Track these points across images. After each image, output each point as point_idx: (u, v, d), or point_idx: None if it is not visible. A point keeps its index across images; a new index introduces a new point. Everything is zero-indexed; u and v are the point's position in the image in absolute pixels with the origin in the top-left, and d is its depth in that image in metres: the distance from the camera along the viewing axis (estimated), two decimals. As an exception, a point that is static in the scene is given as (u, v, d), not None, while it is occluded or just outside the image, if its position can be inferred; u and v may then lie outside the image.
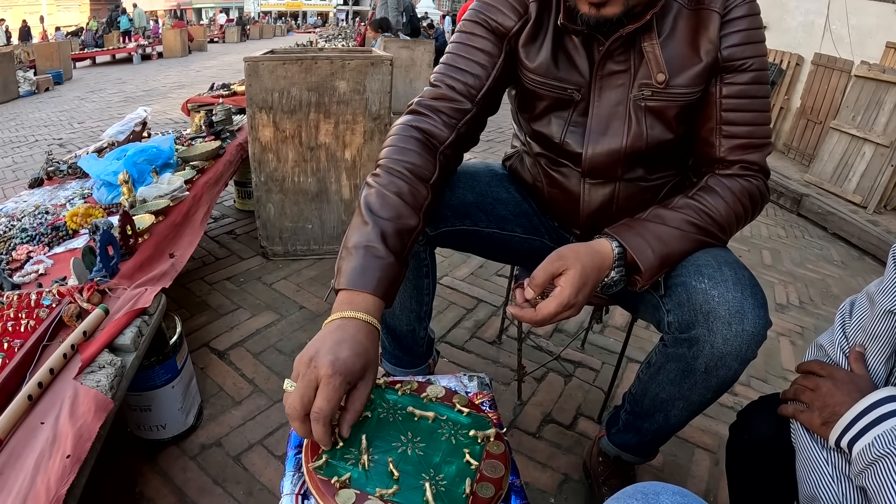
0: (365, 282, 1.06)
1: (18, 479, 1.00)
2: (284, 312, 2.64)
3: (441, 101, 1.33)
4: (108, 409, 1.21)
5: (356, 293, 1.05)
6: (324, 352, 0.95)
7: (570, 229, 1.56)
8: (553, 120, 1.38)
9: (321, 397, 0.91)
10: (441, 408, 1.13)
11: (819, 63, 6.33)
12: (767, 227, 4.64)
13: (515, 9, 1.32)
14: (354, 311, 1.03)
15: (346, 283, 1.06)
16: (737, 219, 1.26)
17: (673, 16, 1.24)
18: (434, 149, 1.29)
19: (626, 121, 1.30)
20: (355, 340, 0.98)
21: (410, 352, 1.69)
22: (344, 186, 3.03)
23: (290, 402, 0.93)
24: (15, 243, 1.97)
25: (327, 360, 0.93)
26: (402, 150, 1.25)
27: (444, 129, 1.31)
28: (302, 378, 0.93)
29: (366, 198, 1.18)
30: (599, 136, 1.33)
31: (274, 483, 1.72)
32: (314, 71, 2.74)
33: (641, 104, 1.28)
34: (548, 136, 1.40)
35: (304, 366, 0.94)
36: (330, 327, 1.01)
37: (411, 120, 1.32)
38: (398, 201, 1.16)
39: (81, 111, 8.44)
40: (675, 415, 1.36)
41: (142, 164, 2.44)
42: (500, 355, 2.43)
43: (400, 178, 1.20)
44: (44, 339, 1.37)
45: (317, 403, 0.92)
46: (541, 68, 1.32)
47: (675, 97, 1.26)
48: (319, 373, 0.92)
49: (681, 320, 1.20)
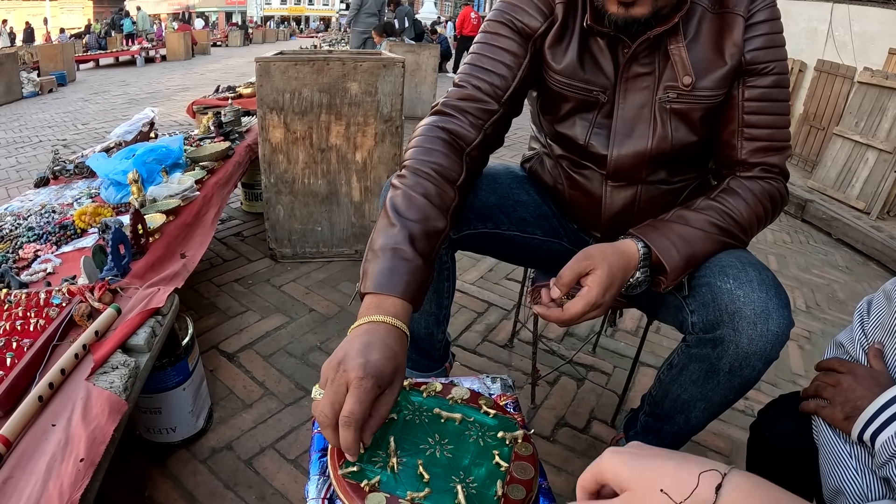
0: (393, 285, 1.04)
1: (30, 483, 0.97)
2: (294, 315, 2.62)
3: (467, 102, 1.31)
4: (122, 411, 1.18)
5: (384, 297, 1.03)
6: (353, 355, 0.92)
7: (590, 232, 1.56)
8: (577, 122, 1.37)
9: (352, 401, 0.88)
10: (467, 409, 1.11)
11: (822, 69, 6.31)
12: (772, 232, 4.63)
13: (541, 10, 1.31)
14: (383, 315, 1.00)
15: (374, 286, 1.04)
16: (758, 220, 1.26)
17: (697, 19, 1.24)
18: (461, 150, 1.27)
19: (652, 123, 1.30)
20: (384, 344, 0.96)
21: (428, 355, 1.67)
22: (354, 189, 3.01)
23: (321, 408, 0.90)
24: (21, 242, 1.94)
25: (357, 363, 0.90)
26: (429, 151, 1.23)
27: (471, 129, 1.29)
28: (331, 383, 0.91)
29: (392, 199, 1.16)
30: (625, 138, 1.32)
31: (287, 487, 1.70)
32: (326, 72, 2.72)
33: (667, 106, 1.28)
34: (572, 139, 1.39)
35: (333, 371, 0.92)
36: (358, 331, 0.99)
37: (437, 121, 1.29)
38: (425, 203, 1.14)
39: (85, 112, 8.45)
40: (696, 416, 1.36)
41: (151, 163, 2.42)
42: (511, 359, 2.41)
43: (427, 179, 1.18)
44: (54, 338, 1.34)
45: (346, 407, 0.88)
46: (567, 70, 1.31)
47: (700, 100, 1.26)
48: (350, 376, 0.90)
49: (705, 321, 1.19)
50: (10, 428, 1.06)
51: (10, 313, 1.40)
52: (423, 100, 7.59)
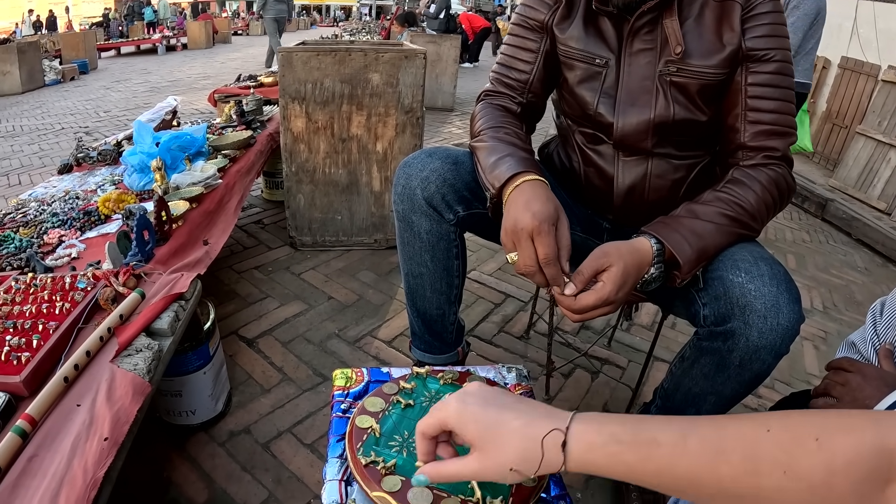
0: (526, 166, 1.23)
1: (54, 462, 0.99)
2: (313, 302, 2.64)
3: (503, 89, 1.54)
4: (145, 393, 1.20)
5: (519, 175, 1.21)
6: (520, 214, 1.12)
7: (603, 215, 1.59)
8: (586, 89, 1.45)
9: (541, 246, 1.09)
10: (483, 398, 1.12)
11: (846, 67, 6.21)
12: (792, 231, 4.58)
13: (545, 2, 1.47)
14: (521, 178, 1.20)
15: (508, 172, 1.23)
16: (766, 208, 1.28)
17: (700, 4, 1.32)
18: (515, 113, 1.51)
19: (654, 94, 1.37)
20: (536, 194, 1.15)
21: (440, 337, 1.70)
22: (374, 179, 3.02)
23: (522, 262, 1.13)
24: (46, 227, 1.97)
25: (528, 218, 1.10)
26: (496, 118, 1.45)
27: (515, 106, 1.52)
28: (519, 243, 1.12)
29: (483, 151, 1.35)
30: (629, 106, 1.39)
31: (303, 471, 1.72)
32: (348, 63, 2.73)
33: (667, 79, 1.34)
34: (582, 105, 1.47)
35: (512, 234, 1.13)
36: (512, 198, 1.18)
37: (487, 101, 1.54)
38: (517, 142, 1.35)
39: (107, 100, 8.50)
40: (707, 410, 1.36)
41: (175, 150, 2.45)
42: (527, 350, 2.42)
43: (505, 132, 1.38)
44: (79, 321, 1.36)
45: (540, 253, 1.10)
46: (572, 38, 1.44)
47: (697, 75, 1.32)
48: (529, 229, 1.10)
49: (717, 314, 1.20)
50: (36, 407, 1.07)
51: (35, 297, 1.42)
52: (444, 90, 7.54)
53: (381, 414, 1.08)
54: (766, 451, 0.58)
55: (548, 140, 1.74)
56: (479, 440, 0.72)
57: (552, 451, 0.67)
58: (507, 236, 1.15)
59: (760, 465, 0.58)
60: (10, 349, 1.21)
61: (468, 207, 1.46)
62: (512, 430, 0.70)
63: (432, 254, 1.50)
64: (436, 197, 1.42)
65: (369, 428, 1.04)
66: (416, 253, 1.52)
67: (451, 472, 0.75)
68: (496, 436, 0.71)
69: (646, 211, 1.44)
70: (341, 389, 1.24)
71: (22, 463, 0.99)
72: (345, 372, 1.29)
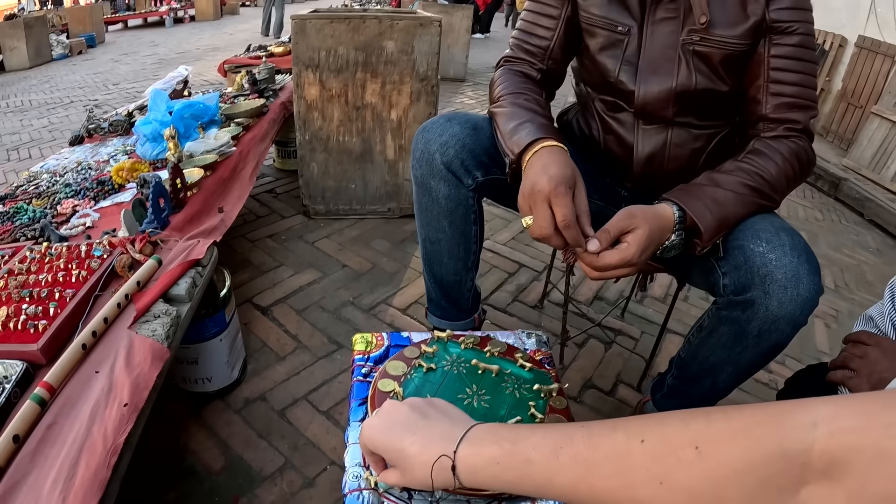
0: (546, 132, 1.23)
1: (73, 429, 0.99)
2: (327, 271, 2.64)
3: (523, 55, 1.52)
4: (164, 359, 1.20)
5: (539, 141, 1.21)
6: (538, 177, 1.12)
7: (621, 183, 1.59)
8: (608, 57, 1.43)
9: (558, 208, 1.09)
10: (504, 362, 1.12)
11: (863, 46, 6.07)
12: (804, 209, 4.55)
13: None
14: (543, 143, 1.20)
15: (528, 138, 1.22)
16: (787, 180, 1.27)
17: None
18: (534, 80, 1.49)
19: (677, 63, 1.35)
20: (553, 159, 1.15)
21: (457, 304, 1.71)
22: (389, 147, 3.00)
23: (537, 225, 1.12)
24: (59, 198, 1.97)
25: (545, 181, 1.10)
26: (516, 84, 1.43)
27: (535, 72, 1.50)
28: (535, 205, 1.11)
29: (503, 117, 1.34)
30: (651, 74, 1.38)
31: (319, 438, 1.73)
32: (362, 30, 2.70)
33: (690, 48, 1.33)
34: (604, 73, 1.45)
35: (529, 197, 1.13)
36: (531, 163, 1.18)
37: (507, 67, 1.53)
38: (536, 108, 1.34)
39: (116, 73, 8.46)
40: (723, 380, 1.37)
41: (188, 119, 2.44)
42: (541, 319, 2.42)
43: (525, 99, 1.37)
44: (96, 288, 1.36)
45: (559, 215, 1.09)
46: (594, 5, 1.41)
47: (720, 44, 1.30)
48: (545, 191, 1.09)
49: (737, 283, 1.20)
50: (54, 375, 1.07)
51: (51, 265, 1.42)
52: (456, 61, 7.44)
53: (403, 378, 1.08)
54: (639, 463, 0.58)
55: (567, 108, 1.73)
56: (391, 462, 0.82)
57: (441, 475, 0.73)
58: (524, 199, 1.15)
59: (634, 477, 0.58)
60: (26, 318, 1.20)
61: (487, 173, 1.45)
62: (410, 456, 0.76)
63: (450, 219, 1.50)
64: (455, 162, 1.41)
65: (392, 391, 1.03)
66: (434, 218, 1.51)
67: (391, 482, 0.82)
68: (400, 460, 0.78)
69: (664, 180, 1.43)
70: (361, 354, 1.23)
71: (41, 431, 0.98)
72: (365, 336, 1.28)
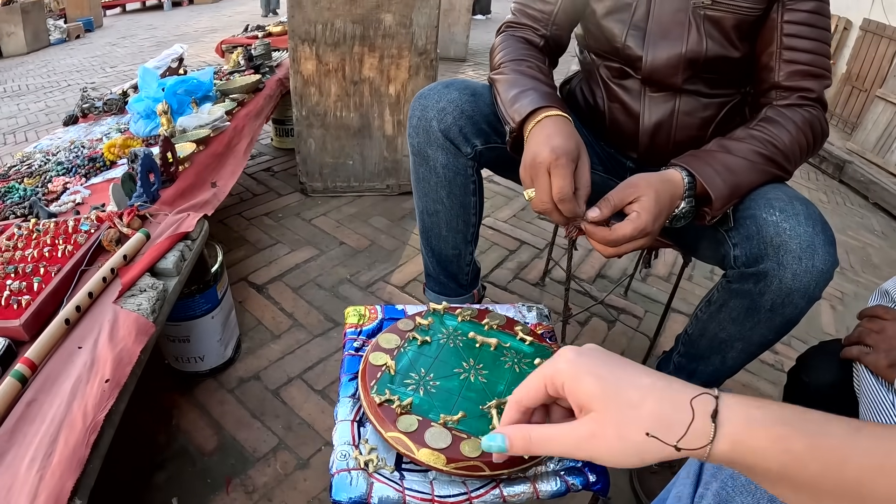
0: (549, 101, 1.18)
1: (54, 405, 0.96)
2: (324, 248, 2.60)
3: (526, 21, 1.46)
4: (149, 333, 1.16)
5: (542, 109, 1.17)
6: (541, 148, 1.08)
7: (627, 154, 1.55)
8: (615, 22, 1.38)
9: (557, 180, 1.05)
10: (503, 335, 1.09)
11: (867, 29, 6.02)
12: (809, 191, 4.51)
13: None
14: (547, 112, 1.15)
15: (530, 106, 1.17)
16: (800, 150, 1.23)
17: None
18: (536, 46, 1.44)
19: (687, 27, 1.31)
20: (558, 129, 1.10)
21: (455, 279, 1.68)
22: (387, 122, 2.95)
23: (538, 198, 1.08)
24: (51, 176, 1.93)
25: (547, 151, 1.06)
26: (518, 50, 1.38)
27: (538, 38, 1.45)
28: (537, 177, 1.08)
29: (504, 84, 1.29)
30: (660, 39, 1.33)
31: (314, 417, 1.70)
32: (359, 3, 2.63)
33: (701, 13, 1.29)
34: (610, 38, 1.40)
35: (531, 168, 1.09)
36: (534, 133, 1.14)
37: (509, 33, 1.47)
38: (539, 76, 1.29)
39: (113, 56, 8.41)
40: (733, 357, 1.33)
41: (181, 94, 2.40)
42: (543, 297, 2.38)
43: (528, 66, 1.33)
44: (82, 263, 1.32)
45: (555, 188, 1.05)
46: None
47: (732, 9, 1.26)
48: (546, 162, 1.05)
49: (749, 254, 1.16)
50: (35, 351, 1.04)
51: (38, 241, 1.39)
52: (457, 41, 7.32)
53: (396, 351, 1.04)
54: None
55: (570, 76, 1.68)
56: (598, 398, 0.55)
57: (701, 417, 0.51)
58: (526, 171, 1.11)
59: None
60: (10, 293, 1.18)
61: (486, 141, 1.41)
62: (646, 385, 0.55)
63: (449, 189, 1.45)
64: (453, 129, 1.36)
65: (384, 365, 0.99)
66: (431, 189, 1.47)
67: (545, 436, 0.58)
68: (623, 392, 0.55)
69: (672, 150, 1.39)
70: (354, 327, 1.19)
71: (21, 408, 0.96)
72: (357, 309, 1.24)
